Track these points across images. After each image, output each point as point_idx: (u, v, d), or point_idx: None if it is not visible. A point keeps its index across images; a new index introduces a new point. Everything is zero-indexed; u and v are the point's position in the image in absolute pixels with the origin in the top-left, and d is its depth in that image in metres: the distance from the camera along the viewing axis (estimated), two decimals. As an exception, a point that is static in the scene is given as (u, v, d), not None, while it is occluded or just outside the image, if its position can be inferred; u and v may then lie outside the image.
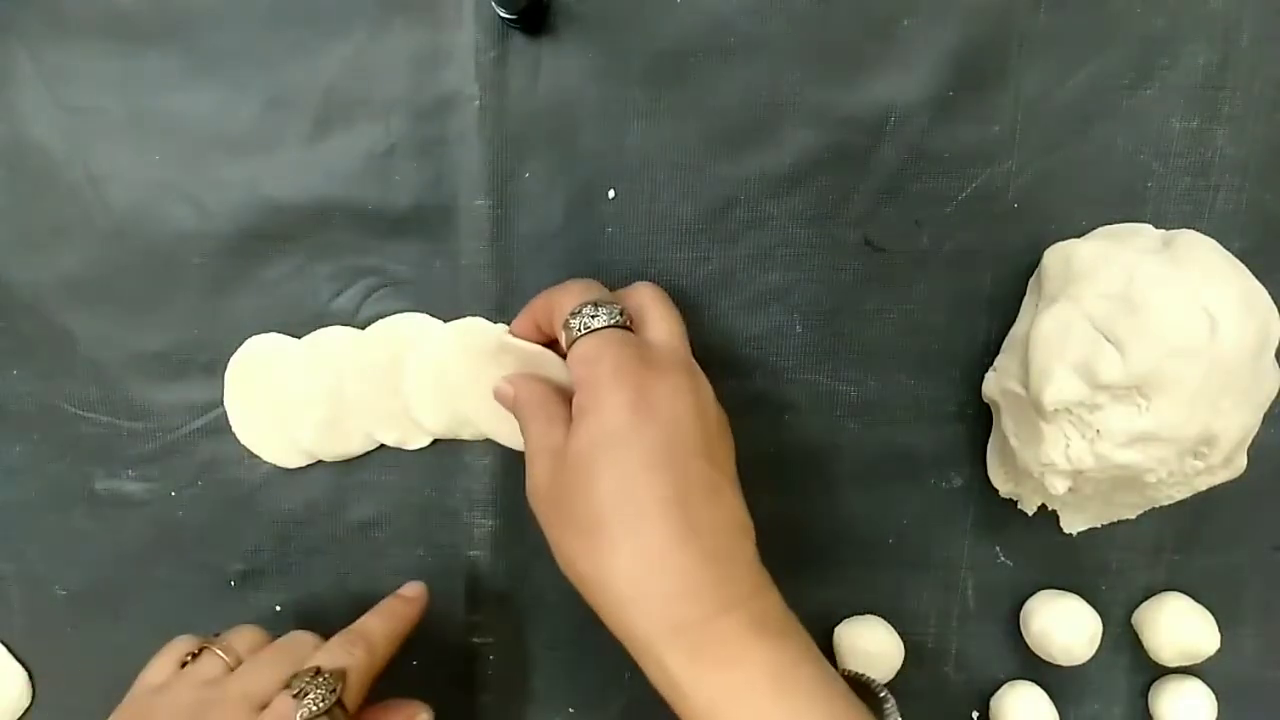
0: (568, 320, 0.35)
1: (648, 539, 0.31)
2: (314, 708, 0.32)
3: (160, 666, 0.37)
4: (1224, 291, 0.34)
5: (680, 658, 0.30)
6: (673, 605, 0.30)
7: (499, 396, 0.38)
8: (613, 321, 0.34)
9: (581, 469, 0.32)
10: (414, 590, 0.40)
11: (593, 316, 0.34)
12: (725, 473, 0.34)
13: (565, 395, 0.35)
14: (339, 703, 0.33)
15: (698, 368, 0.35)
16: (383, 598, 0.43)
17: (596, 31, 0.39)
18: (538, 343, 0.39)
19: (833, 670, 0.32)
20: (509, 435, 0.42)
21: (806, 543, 0.43)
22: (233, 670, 0.36)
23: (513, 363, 0.39)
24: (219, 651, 0.36)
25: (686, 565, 0.30)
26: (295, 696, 0.33)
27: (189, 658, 0.37)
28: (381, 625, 0.37)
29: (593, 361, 0.33)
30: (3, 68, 0.40)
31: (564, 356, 0.37)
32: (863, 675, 0.36)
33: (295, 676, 0.33)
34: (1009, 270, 0.40)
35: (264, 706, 0.33)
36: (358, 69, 0.40)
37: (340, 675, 0.34)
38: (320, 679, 0.33)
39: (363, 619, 0.38)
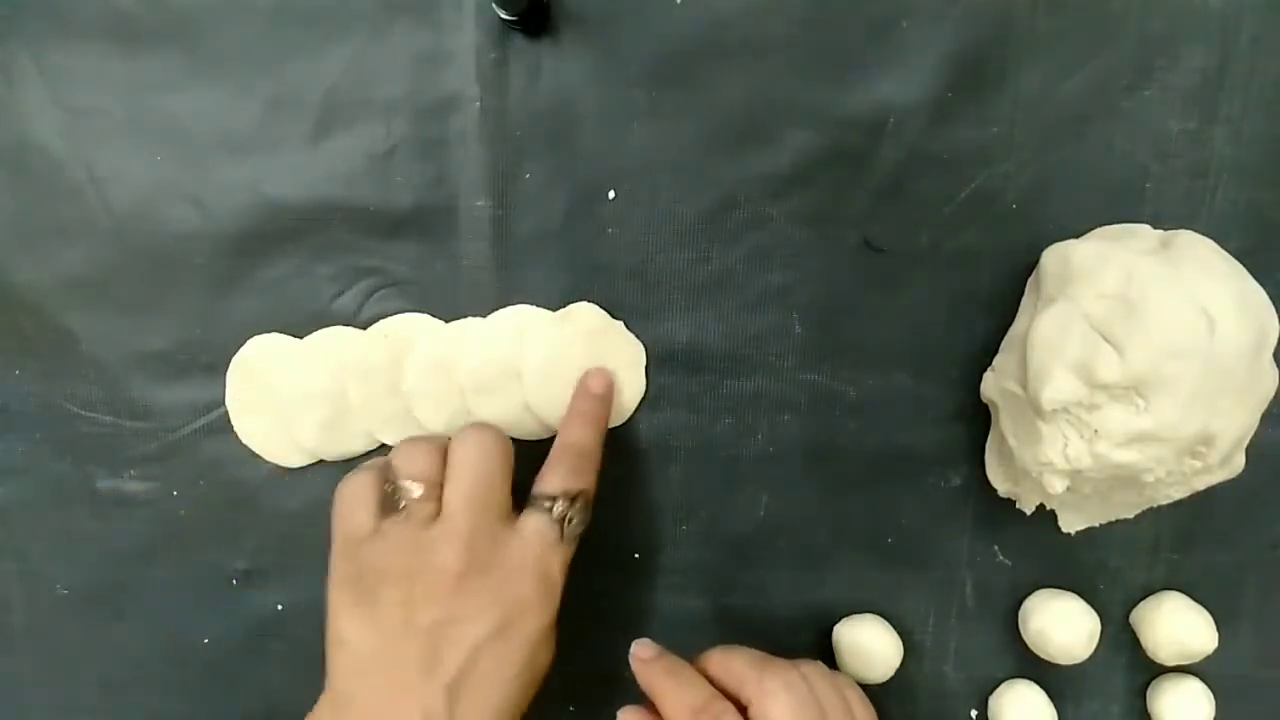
0: None
1: None
2: (579, 530, 0.37)
3: (357, 516, 0.35)
4: (1222, 291, 0.34)
5: None
6: None
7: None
8: None
9: None
10: (600, 385, 0.40)
11: None
12: None
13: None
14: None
15: None
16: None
17: (597, 32, 0.39)
18: None
19: None
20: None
21: (806, 542, 0.43)
22: (432, 495, 0.35)
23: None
24: (411, 485, 0.35)
25: None
26: (560, 520, 0.36)
27: (386, 491, 0.36)
28: (594, 437, 0.39)
29: None
30: (4, 68, 0.41)
31: None
32: None
33: (556, 500, 0.36)
34: (1007, 270, 0.41)
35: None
36: (359, 70, 0.40)
37: (588, 496, 0.37)
38: (578, 504, 0.37)
39: (573, 431, 0.39)
